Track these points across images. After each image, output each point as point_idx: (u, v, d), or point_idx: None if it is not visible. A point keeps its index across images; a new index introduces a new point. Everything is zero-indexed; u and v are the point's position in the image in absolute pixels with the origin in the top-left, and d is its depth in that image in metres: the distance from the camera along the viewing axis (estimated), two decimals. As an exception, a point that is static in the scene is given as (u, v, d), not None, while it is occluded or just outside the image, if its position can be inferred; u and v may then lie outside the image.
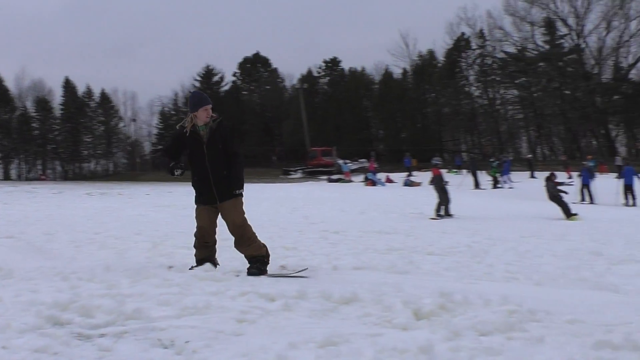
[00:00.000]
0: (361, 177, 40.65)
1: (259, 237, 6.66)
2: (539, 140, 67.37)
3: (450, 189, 19.11)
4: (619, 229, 14.66)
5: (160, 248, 9.49)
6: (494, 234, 12.63)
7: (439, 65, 70.17)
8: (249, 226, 6.60)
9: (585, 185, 24.79)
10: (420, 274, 7.24)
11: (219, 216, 6.62)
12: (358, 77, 74.83)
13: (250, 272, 6.41)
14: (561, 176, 27.57)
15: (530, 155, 51.06)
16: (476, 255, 9.26)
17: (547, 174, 20.09)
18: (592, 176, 25.52)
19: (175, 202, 21.33)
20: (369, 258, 8.74)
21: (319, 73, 76.44)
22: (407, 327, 4.11)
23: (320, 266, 6.88)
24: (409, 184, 34.57)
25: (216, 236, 6.73)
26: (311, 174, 51.36)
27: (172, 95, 78.68)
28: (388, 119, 70.13)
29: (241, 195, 6.53)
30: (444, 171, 22.07)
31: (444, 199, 18.59)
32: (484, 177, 32.61)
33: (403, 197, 24.75)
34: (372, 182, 36.39)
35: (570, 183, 27.29)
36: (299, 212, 17.99)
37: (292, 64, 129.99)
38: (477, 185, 31.75)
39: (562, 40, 63.19)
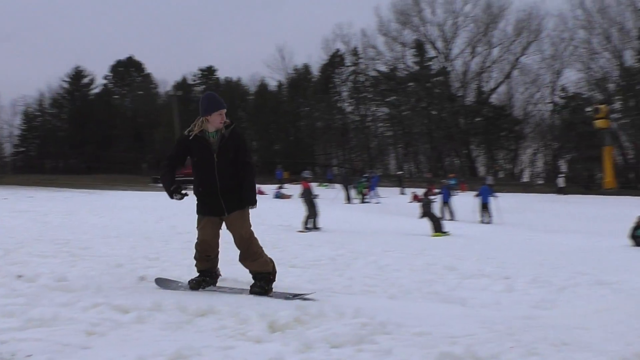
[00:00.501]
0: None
1: (265, 252, 6.30)
2: (407, 158, 69.85)
3: (319, 202, 19.43)
4: (473, 244, 15.45)
5: (13, 256, 8.98)
6: (358, 247, 12.93)
7: (314, 79, 71.29)
8: (256, 240, 6.19)
9: (445, 202, 25.91)
10: (281, 287, 7.30)
11: (223, 227, 6.24)
12: (233, 87, 74.55)
13: (253, 291, 6.06)
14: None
15: (400, 172, 52.84)
16: (338, 268, 9.46)
17: (421, 190, 20.91)
18: (451, 194, 26.74)
19: (35, 208, 20.30)
20: (232, 270, 8.70)
21: (194, 81, 75.45)
22: (261, 339, 4.14)
23: (181, 278, 6.77)
24: (279, 196, 34.73)
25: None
26: (181, 183, 50.40)
27: (38, 95, 74.86)
28: (262, 131, 70.31)
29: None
30: (313, 184, 22.42)
31: (312, 212, 18.87)
32: (357, 192, 33.47)
33: (273, 209, 24.88)
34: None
35: (434, 200, 28.46)
36: (166, 222, 17.63)
37: (167, 71, 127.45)
38: (348, 199, 32.46)
39: (430, 63, 65.99)
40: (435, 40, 65.55)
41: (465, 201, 27.39)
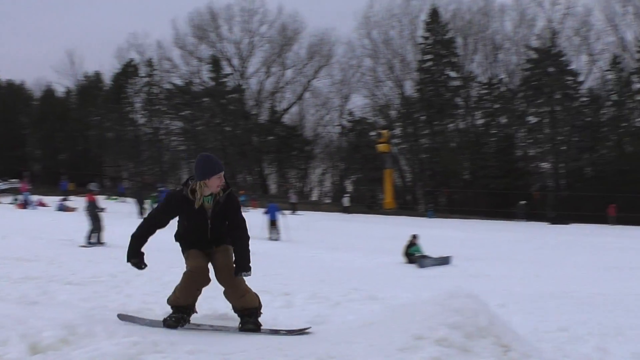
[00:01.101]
0: (11, 199, 37.76)
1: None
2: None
3: (107, 216, 18.70)
4: (261, 261, 15.68)
5: None
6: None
7: (106, 88, 68.71)
8: None
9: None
10: (53, 305, 6.90)
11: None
12: (16, 91, 69.64)
13: (247, 328, 5.61)
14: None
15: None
16: (117, 285, 9.15)
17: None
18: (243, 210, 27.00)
19: None
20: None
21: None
22: (20, 363, 3.88)
23: None
24: (63, 208, 32.96)
25: None
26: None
27: None
28: (47, 138, 66.31)
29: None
30: (100, 197, 21.55)
31: (96, 226, 18.12)
32: (148, 206, 32.67)
33: (55, 222, 23.53)
34: (24, 204, 34.01)
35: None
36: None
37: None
38: (141, 213, 31.65)
39: (226, 79, 66.39)
40: (231, 58, 66.25)
41: (254, 218, 27.77)
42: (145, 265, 5.69)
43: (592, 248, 25.79)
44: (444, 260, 18.35)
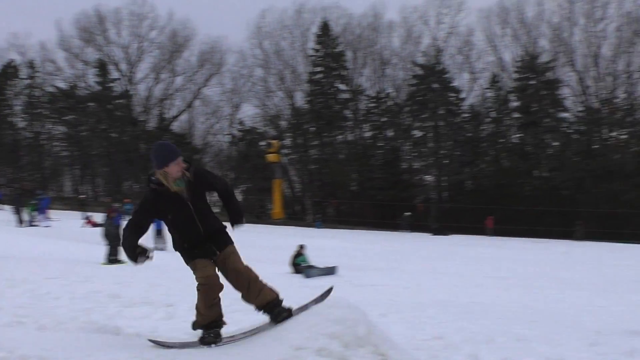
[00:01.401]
0: None
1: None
2: (84, 180, 67.08)
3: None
4: (145, 271, 15.31)
5: None
6: (17, 274, 12.00)
7: (-18, 90, 65.18)
8: (253, 270, 5.63)
9: (117, 226, 25.32)
10: None
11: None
12: None
13: (282, 318, 5.44)
14: (102, 217, 27.81)
15: (83, 195, 50.58)
16: (-13, 298, 8.68)
17: (100, 215, 20.09)
18: (124, 218, 26.28)
19: None
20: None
21: None
22: None
23: None
24: None
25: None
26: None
27: None
28: None
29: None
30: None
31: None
32: (27, 214, 31.29)
33: None
34: None
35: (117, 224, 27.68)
36: None
37: None
38: (21, 222, 30.24)
39: (113, 84, 64.48)
40: (119, 62, 64.32)
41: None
42: (151, 253, 5.65)
43: (471, 258, 26.89)
44: (330, 271, 18.58)
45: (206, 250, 5.56)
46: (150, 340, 5.73)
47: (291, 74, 62.73)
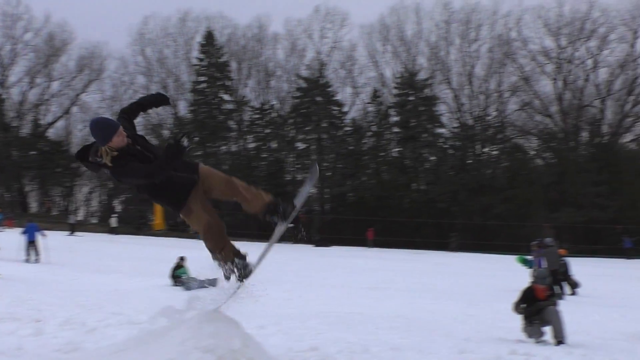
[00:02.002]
0: None
1: None
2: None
3: None
4: (16, 285, 14.60)
5: None
6: None
7: None
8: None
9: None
10: None
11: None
12: None
13: (288, 213, 5.58)
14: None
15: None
16: None
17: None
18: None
19: None
20: None
21: None
22: None
23: None
24: None
25: None
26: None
27: None
28: None
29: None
30: None
31: None
32: None
33: None
34: None
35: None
36: None
37: None
38: None
39: (-17, 88, 61.14)
40: (-8, 65, 61.10)
41: (10, 238, 25.79)
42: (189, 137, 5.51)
43: (352, 270, 27.39)
44: (211, 283, 18.29)
45: (184, 181, 5.63)
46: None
47: (174, 82, 61.90)
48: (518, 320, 10.56)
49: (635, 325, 13.12)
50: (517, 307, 10.59)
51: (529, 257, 21.17)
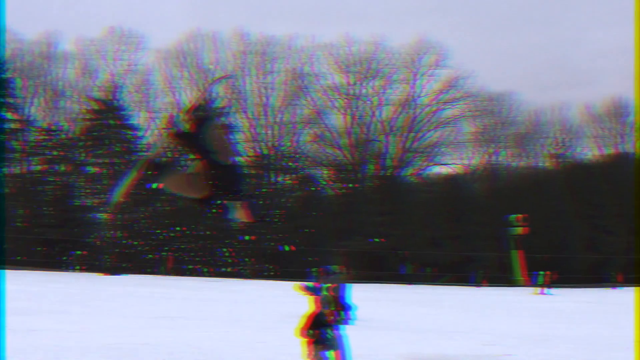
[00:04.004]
0: None
1: None
2: None
3: None
4: None
5: None
6: None
7: None
8: None
9: None
10: None
11: None
12: None
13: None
14: None
15: None
16: None
17: None
18: None
19: None
20: None
21: None
22: None
23: None
24: None
25: None
26: None
27: None
28: None
29: None
30: None
31: None
32: None
33: None
34: None
35: None
36: None
37: None
38: None
39: None
40: None
41: None
42: None
43: (145, 298, 26.75)
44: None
45: None
46: None
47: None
48: (302, 346, 10.90)
49: (411, 346, 14.22)
50: (303, 332, 10.92)
51: (311, 284, 22.01)
